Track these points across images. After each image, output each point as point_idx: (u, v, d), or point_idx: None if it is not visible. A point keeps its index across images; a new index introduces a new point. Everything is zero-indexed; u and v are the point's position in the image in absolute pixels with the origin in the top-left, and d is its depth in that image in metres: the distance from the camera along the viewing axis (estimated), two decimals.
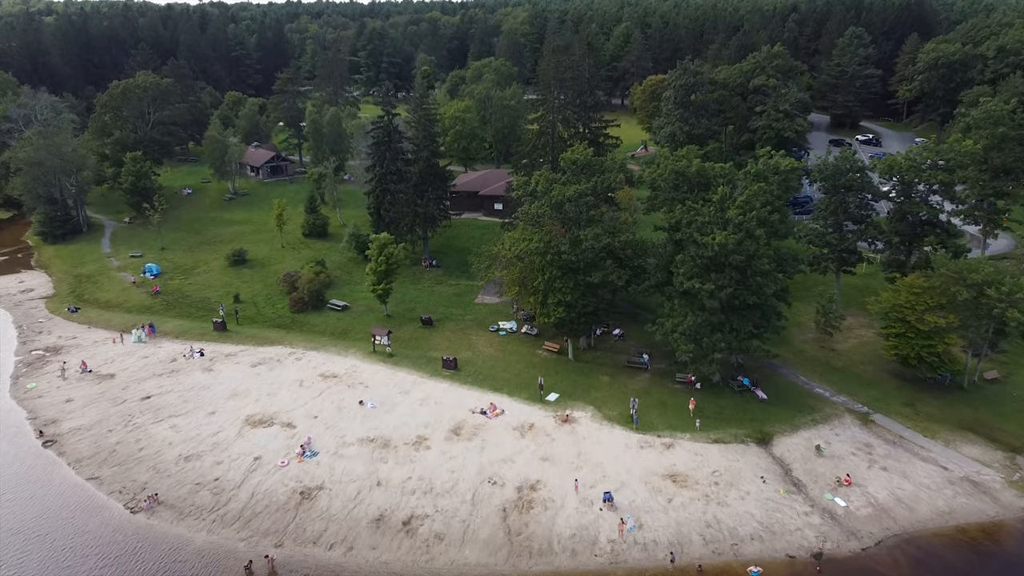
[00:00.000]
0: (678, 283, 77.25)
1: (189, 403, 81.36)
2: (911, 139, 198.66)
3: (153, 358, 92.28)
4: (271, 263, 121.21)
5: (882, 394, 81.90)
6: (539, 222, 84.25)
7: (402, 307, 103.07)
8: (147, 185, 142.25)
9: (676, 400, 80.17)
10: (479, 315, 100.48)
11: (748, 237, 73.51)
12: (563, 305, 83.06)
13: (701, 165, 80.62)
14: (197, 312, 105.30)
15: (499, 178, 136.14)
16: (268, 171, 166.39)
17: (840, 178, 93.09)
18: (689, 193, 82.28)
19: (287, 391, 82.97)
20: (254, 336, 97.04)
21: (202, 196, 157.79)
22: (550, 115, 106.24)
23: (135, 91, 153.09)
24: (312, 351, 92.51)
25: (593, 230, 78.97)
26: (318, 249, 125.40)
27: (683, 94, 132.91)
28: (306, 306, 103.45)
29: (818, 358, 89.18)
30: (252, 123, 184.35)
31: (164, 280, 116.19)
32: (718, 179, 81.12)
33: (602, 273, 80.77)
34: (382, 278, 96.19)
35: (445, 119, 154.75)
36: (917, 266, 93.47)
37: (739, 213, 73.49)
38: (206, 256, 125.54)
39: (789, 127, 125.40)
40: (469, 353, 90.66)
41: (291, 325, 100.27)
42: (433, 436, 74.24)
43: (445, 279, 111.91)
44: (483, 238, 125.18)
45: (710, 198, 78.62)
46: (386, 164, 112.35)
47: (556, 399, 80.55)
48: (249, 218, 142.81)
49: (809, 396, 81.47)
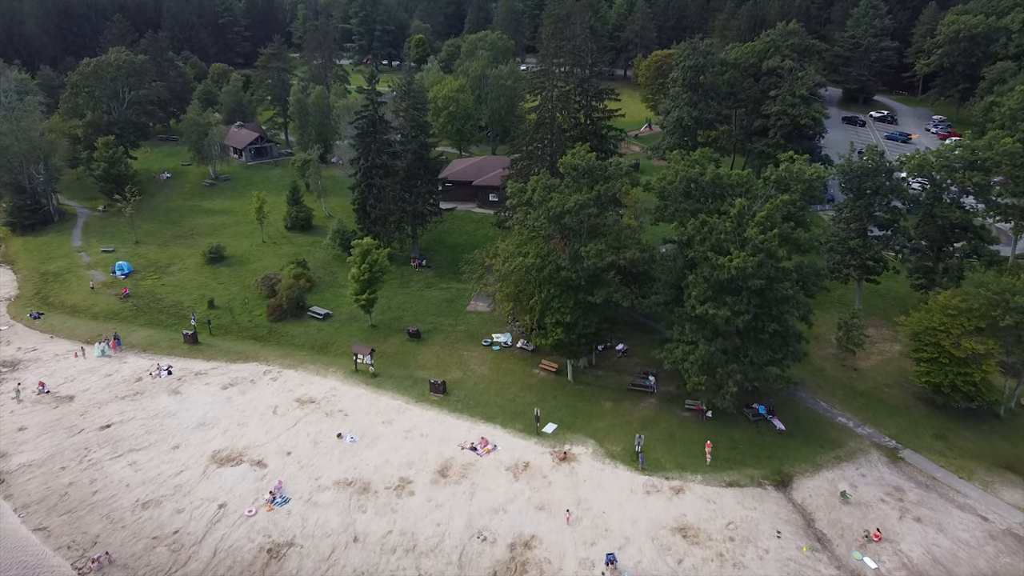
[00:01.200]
0: (689, 307, 69.58)
1: (152, 434, 74.19)
2: (927, 115, 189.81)
3: (117, 376, 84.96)
4: (250, 260, 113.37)
5: (911, 424, 74.69)
6: (536, 235, 76.39)
7: (388, 315, 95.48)
8: (121, 172, 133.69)
9: (685, 432, 73.02)
10: (471, 325, 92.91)
11: (769, 258, 65.70)
12: (562, 326, 75.50)
13: (716, 173, 72.38)
14: (168, 320, 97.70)
15: (494, 166, 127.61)
16: (252, 153, 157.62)
17: (866, 181, 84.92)
18: (702, 203, 74.22)
19: (259, 420, 75.74)
20: (227, 351, 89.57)
21: (181, 181, 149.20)
22: (549, 104, 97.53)
23: (107, 70, 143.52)
24: (289, 369, 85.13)
25: (596, 245, 71.05)
26: (301, 244, 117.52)
27: (691, 76, 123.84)
28: (285, 314, 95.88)
29: (840, 379, 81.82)
30: (236, 100, 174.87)
31: (135, 280, 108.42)
32: (735, 188, 73.01)
33: (605, 291, 73.02)
34: (365, 287, 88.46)
35: (438, 99, 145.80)
36: (947, 273, 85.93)
37: (759, 232, 65.52)
38: (182, 252, 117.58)
39: (806, 113, 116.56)
40: (459, 373, 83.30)
41: (268, 337, 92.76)
42: (418, 478, 67.14)
43: (436, 281, 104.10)
44: (477, 232, 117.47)
45: (726, 210, 70.64)
46: (371, 157, 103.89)
47: (554, 431, 73.37)
48: (230, 207, 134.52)
49: (831, 427, 74.25)
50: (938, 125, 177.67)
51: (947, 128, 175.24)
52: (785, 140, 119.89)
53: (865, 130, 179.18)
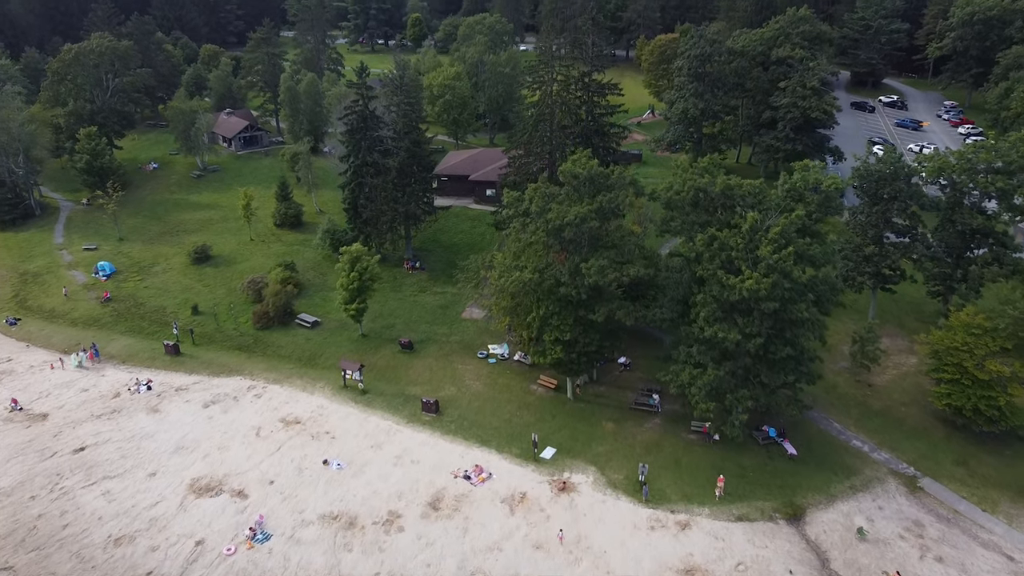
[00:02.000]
0: (697, 328, 65.24)
1: (128, 459, 70.20)
2: (939, 100, 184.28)
3: (94, 391, 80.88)
4: (237, 260, 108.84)
5: (930, 448, 70.63)
6: (533, 241, 71.89)
7: (379, 323, 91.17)
8: (104, 164, 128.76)
9: (692, 457, 69.03)
10: (466, 335, 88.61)
11: (783, 277, 61.28)
12: (561, 344, 71.23)
13: (727, 183, 67.62)
14: (150, 327, 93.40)
15: (491, 160, 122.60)
16: (241, 143, 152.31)
17: (884, 187, 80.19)
18: (711, 214, 69.60)
19: (241, 443, 71.72)
20: (210, 363, 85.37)
21: (168, 172, 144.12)
22: (548, 99, 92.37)
23: (89, 56, 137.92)
24: (274, 385, 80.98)
25: (597, 261, 66.54)
26: (290, 243, 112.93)
27: (697, 65, 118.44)
28: (271, 322, 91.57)
29: (853, 397, 77.67)
30: (225, 85, 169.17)
31: (117, 283, 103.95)
32: (746, 198, 68.31)
33: (607, 308, 68.65)
34: (355, 296, 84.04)
35: (433, 87, 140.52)
36: (967, 281, 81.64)
37: (772, 250, 61.01)
38: (167, 250, 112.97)
39: (817, 106, 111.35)
40: (454, 389, 79.16)
41: (253, 347, 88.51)
42: (408, 511, 63.21)
43: (429, 285, 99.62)
44: (473, 231, 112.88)
45: (736, 223, 66.05)
46: (361, 154, 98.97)
47: (553, 456, 69.37)
48: (217, 201, 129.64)
49: (845, 451, 70.21)
50: (950, 111, 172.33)
51: (959, 115, 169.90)
52: (795, 133, 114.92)
53: (875, 116, 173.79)
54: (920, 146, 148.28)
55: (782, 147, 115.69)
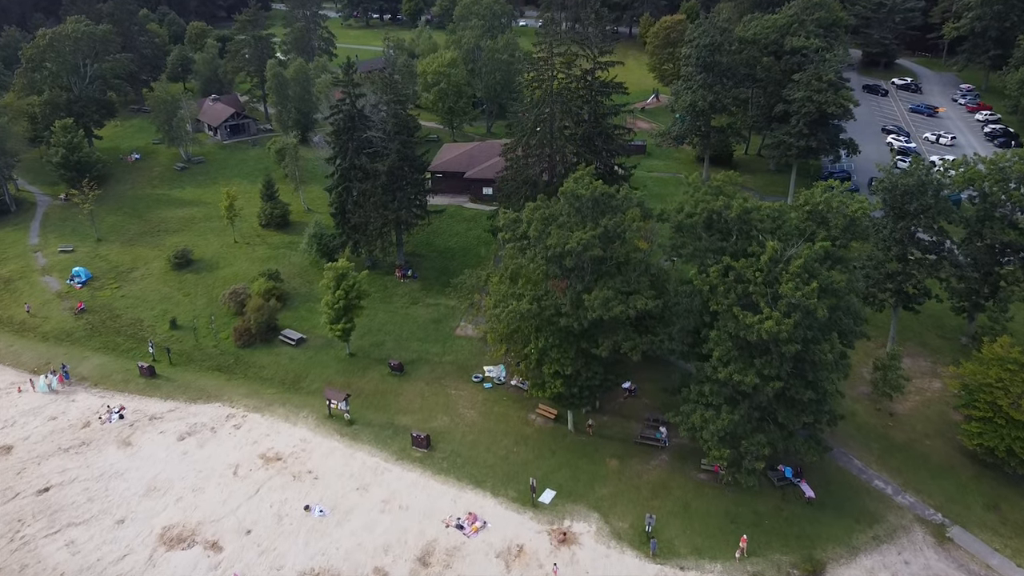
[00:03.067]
0: (710, 367, 59.83)
1: (95, 502, 65.22)
2: (954, 82, 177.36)
3: (62, 420, 75.74)
4: (220, 265, 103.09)
5: (958, 489, 65.66)
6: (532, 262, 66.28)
7: (368, 340, 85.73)
8: (82, 158, 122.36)
9: (702, 502, 64.06)
10: (460, 354, 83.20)
11: (806, 316, 55.81)
12: (561, 378, 65.93)
13: (744, 206, 61.64)
14: (125, 343, 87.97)
15: (488, 154, 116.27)
16: (227, 131, 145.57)
17: (910, 201, 74.28)
18: (725, 238, 63.76)
19: (217, 484, 66.67)
20: (187, 387, 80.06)
21: (151, 163, 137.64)
22: (548, 99, 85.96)
23: (64, 42, 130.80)
24: (255, 413, 75.75)
25: (601, 292, 60.92)
26: (276, 245, 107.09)
27: (706, 54, 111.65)
28: (253, 339, 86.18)
29: (874, 427, 72.57)
30: (211, 68, 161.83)
31: (93, 290, 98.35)
32: (764, 222, 62.46)
33: (612, 341, 63.22)
34: (340, 315, 78.53)
35: (428, 74, 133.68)
36: (995, 298, 76.38)
37: (795, 288, 55.39)
38: (146, 253, 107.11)
39: (833, 101, 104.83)
40: (446, 419, 73.97)
41: (234, 367, 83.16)
42: (394, 569, 58.29)
43: (422, 296, 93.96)
44: (469, 234, 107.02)
45: (754, 252, 60.34)
46: (349, 157, 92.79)
47: (552, 500, 64.37)
48: (201, 196, 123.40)
49: (867, 494, 65.20)
50: (966, 95, 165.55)
51: (976, 99, 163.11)
52: (808, 129, 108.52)
53: (888, 100, 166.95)
54: (937, 135, 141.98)
55: (795, 143, 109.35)
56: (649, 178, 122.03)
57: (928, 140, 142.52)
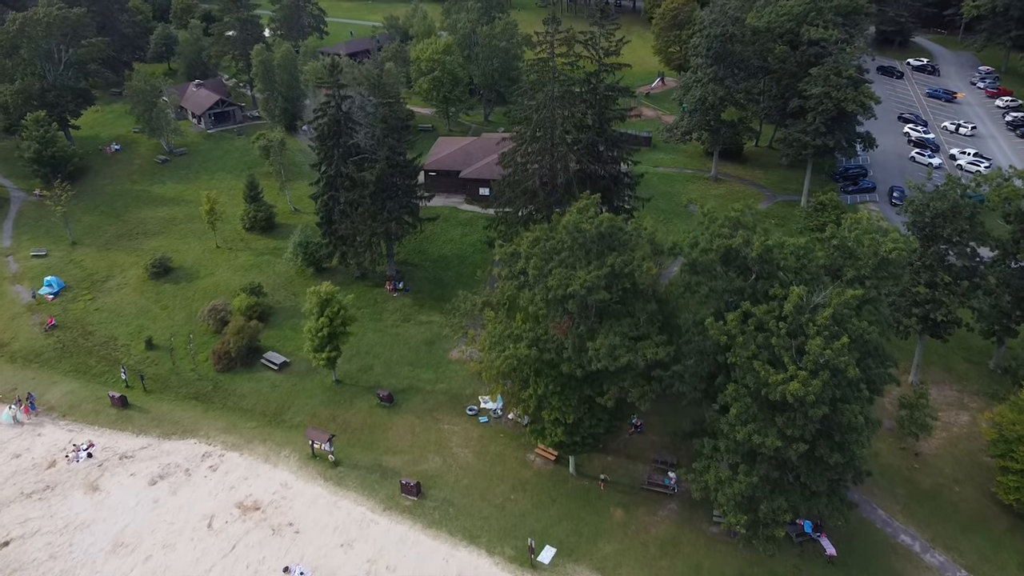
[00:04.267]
0: (727, 424, 54.35)
1: (57, 559, 60.30)
2: (971, 63, 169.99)
3: (26, 458, 70.60)
4: (201, 273, 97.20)
5: (991, 545, 60.73)
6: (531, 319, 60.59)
7: (356, 364, 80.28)
8: (56, 153, 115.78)
9: (715, 561, 59.16)
10: (453, 382, 77.78)
11: (835, 375, 50.29)
12: (562, 425, 60.58)
13: (766, 245, 55.56)
14: (97, 366, 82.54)
15: (486, 150, 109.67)
16: (212, 119, 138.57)
17: (943, 226, 68.28)
18: (744, 276, 57.87)
19: (190, 539, 61.64)
20: (161, 419, 74.76)
21: (131, 154, 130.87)
22: (548, 105, 79.28)
23: (36, 27, 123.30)
24: (233, 452, 70.52)
25: (607, 339, 55.28)
26: (260, 251, 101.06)
27: (718, 45, 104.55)
28: (233, 363, 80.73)
29: (899, 470, 67.43)
30: (195, 50, 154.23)
31: (65, 302, 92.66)
32: (789, 258, 56.46)
33: (619, 388, 57.76)
34: (325, 343, 72.97)
35: (421, 61, 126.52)
36: None
37: (823, 344, 49.71)
38: (123, 259, 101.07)
39: (853, 98, 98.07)
40: (438, 460, 68.76)
41: (212, 395, 77.84)
42: None
43: (414, 312, 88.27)
44: (464, 240, 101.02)
45: (776, 294, 54.57)
46: (335, 164, 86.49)
47: (552, 559, 59.40)
48: (183, 194, 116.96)
49: (893, 551, 60.27)
50: (985, 78, 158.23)
51: (995, 83, 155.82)
52: (826, 127, 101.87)
53: (903, 84, 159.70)
54: (956, 124, 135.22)
55: (811, 142, 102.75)
56: (655, 175, 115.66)
57: (947, 129, 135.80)
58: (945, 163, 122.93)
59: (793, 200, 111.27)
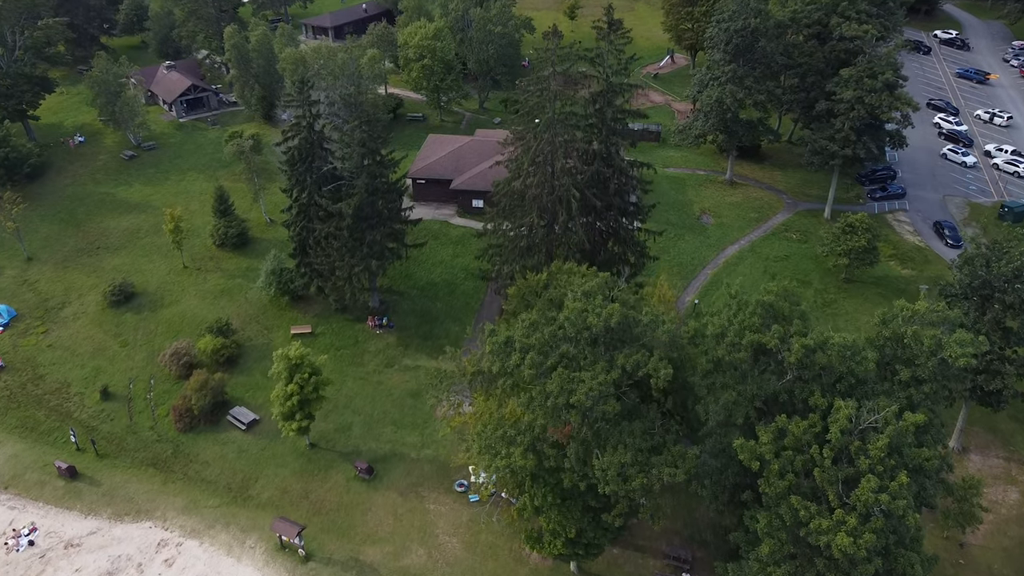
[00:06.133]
0: (756, 563, 46.24)
1: None
2: (1004, 34, 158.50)
3: None
4: (165, 300, 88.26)
5: None
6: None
7: (333, 421, 72.14)
8: (10, 154, 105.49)
9: None
10: (441, 447, 69.53)
11: (890, 517, 42.07)
12: (562, 538, 52.56)
13: (806, 343, 46.50)
14: (47, 420, 74.39)
15: (480, 154, 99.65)
16: (184, 106, 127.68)
17: (1003, 292, 59.14)
18: (778, 374, 49.07)
19: None
20: (114, 494, 66.79)
21: (96, 147, 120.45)
22: (546, 135, 69.35)
23: None
24: (192, 539, 62.72)
25: (617, 456, 46.85)
26: (231, 272, 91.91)
27: (740, 40, 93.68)
28: (197, 421, 72.51)
29: (941, 566, 59.51)
30: (166, 25, 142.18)
31: (15, 336, 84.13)
32: (834, 359, 47.23)
33: (628, 503, 49.60)
34: (294, 412, 64.55)
35: (410, 47, 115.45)
36: None
37: (877, 485, 41.25)
38: (82, 281, 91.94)
39: (890, 105, 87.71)
40: (422, 552, 60.98)
41: (172, 462, 69.77)
42: None
43: (399, 354, 79.61)
44: (455, 263, 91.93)
45: (816, 405, 45.93)
46: (308, 192, 76.86)
47: None
48: (149, 197, 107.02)
49: None
50: (1019, 55, 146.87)
51: None
52: (856, 135, 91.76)
53: (931, 60, 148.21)
54: (990, 113, 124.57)
55: (840, 151, 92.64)
56: (664, 177, 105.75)
57: (980, 119, 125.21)
58: (980, 161, 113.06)
59: (816, 209, 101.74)
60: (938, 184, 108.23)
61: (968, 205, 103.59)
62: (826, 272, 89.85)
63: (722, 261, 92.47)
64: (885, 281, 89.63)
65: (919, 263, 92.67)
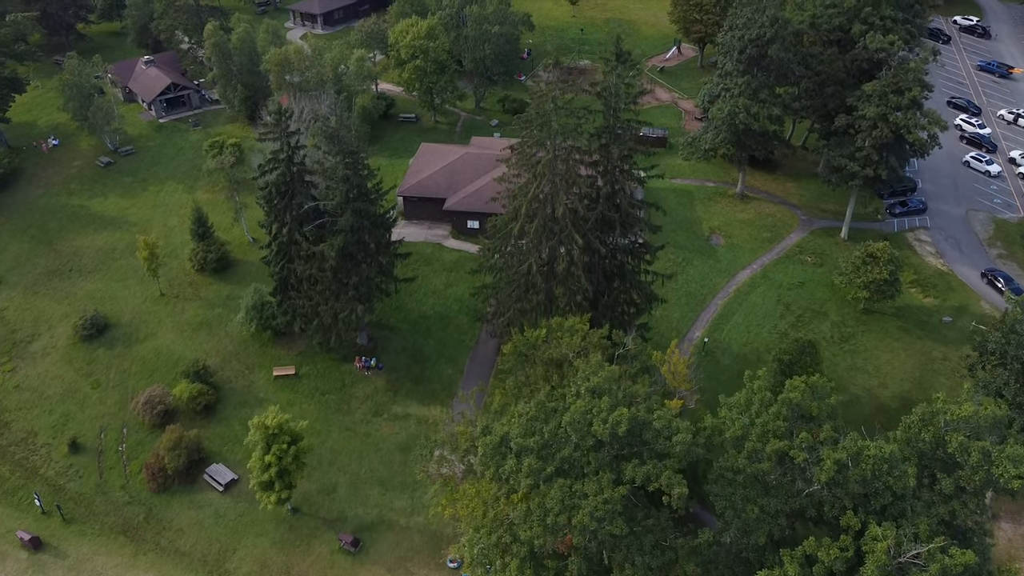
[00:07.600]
0: None
1: None
2: None
3: None
4: (141, 334, 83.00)
5: None
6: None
7: (317, 481, 67.35)
8: None
9: None
10: (431, 514, 64.47)
11: None
12: None
13: (838, 459, 41.25)
14: (11, 477, 69.71)
15: (476, 169, 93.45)
16: (163, 106, 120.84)
17: None
18: (804, 483, 43.87)
19: None
20: (80, 568, 62.51)
21: (70, 152, 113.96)
22: (546, 178, 63.28)
23: None
24: None
25: (625, 574, 41.96)
26: (211, 301, 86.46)
27: (753, 50, 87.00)
28: (171, 481, 67.68)
29: None
30: (145, 13, 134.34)
31: None
32: (868, 474, 41.89)
33: None
34: (272, 482, 59.63)
35: (401, 47, 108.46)
36: None
37: None
38: (52, 309, 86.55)
39: (917, 124, 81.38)
40: None
41: (143, 528, 65.13)
42: None
43: (388, 401, 74.52)
44: (449, 292, 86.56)
45: (848, 525, 40.87)
46: (288, 229, 71.00)
47: None
48: (126, 211, 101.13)
49: None
50: None
51: None
52: (878, 154, 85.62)
53: (950, 50, 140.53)
54: (1015, 114, 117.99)
55: (860, 171, 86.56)
56: (671, 189, 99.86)
57: (1004, 120, 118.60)
58: (1004, 170, 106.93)
59: (833, 227, 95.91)
60: (961, 196, 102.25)
61: (993, 222, 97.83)
62: (843, 302, 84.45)
63: (733, 289, 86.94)
64: (906, 312, 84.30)
65: (942, 290, 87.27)
